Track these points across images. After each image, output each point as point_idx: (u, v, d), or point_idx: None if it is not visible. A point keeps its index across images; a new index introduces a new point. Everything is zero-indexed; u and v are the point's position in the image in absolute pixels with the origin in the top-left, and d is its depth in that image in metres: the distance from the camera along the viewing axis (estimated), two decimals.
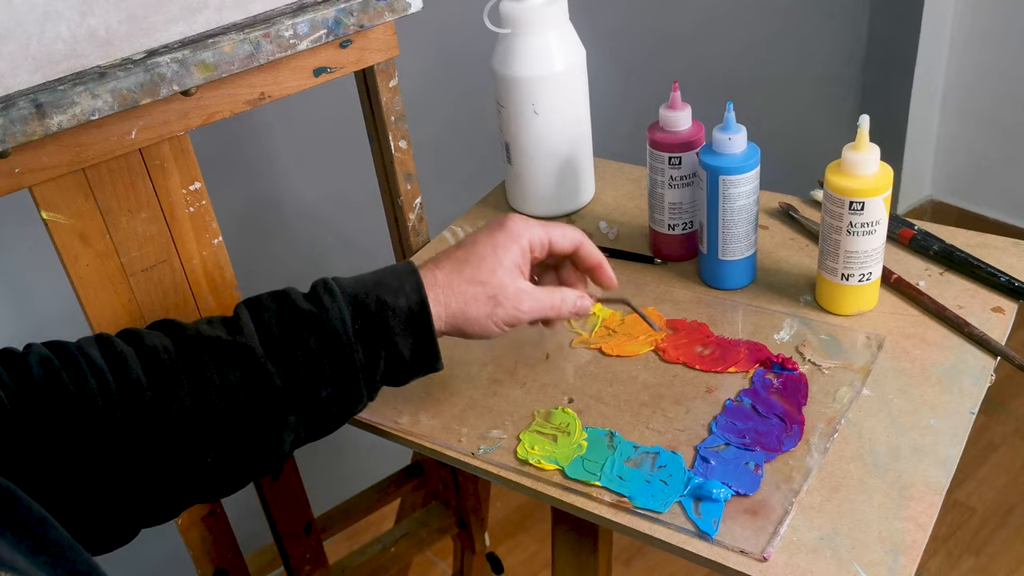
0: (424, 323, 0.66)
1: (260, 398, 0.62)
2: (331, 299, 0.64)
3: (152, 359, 0.61)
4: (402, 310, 0.65)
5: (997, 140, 2.24)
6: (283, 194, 1.40)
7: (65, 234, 0.74)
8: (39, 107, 0.66)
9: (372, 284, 0.66)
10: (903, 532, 0.63)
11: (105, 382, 0.59)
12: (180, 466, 0.61)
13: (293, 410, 0.64)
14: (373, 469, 1.39)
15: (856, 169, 0.76)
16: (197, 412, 0.61)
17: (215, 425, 0.62)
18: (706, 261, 0.87)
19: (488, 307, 0.69)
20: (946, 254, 0.86)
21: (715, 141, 0.81)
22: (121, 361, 0.60)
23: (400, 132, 0.92)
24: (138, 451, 0.59)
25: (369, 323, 0.65)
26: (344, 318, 0.64)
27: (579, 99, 0.97)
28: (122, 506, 0.60)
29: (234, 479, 0.65)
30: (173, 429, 0.60)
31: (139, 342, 0.62)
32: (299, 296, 0.65)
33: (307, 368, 0.63)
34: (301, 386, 0.63)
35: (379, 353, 0.65)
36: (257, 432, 0.63)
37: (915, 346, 0.78)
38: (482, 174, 1.23)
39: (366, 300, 0.65)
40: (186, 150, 0.79)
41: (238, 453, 0.63)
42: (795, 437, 0.71)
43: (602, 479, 0.69)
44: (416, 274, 0.67)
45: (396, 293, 0.65)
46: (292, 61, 0.80)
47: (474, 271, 0.69)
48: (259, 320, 0.64)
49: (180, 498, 0.64)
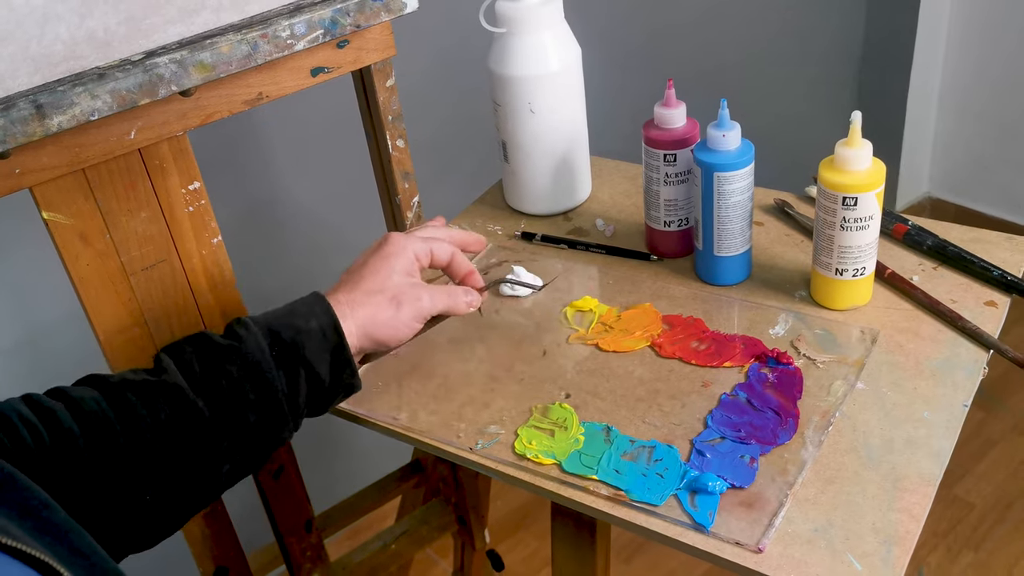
0: (338, 341, 0.70)
1: (191, 430, 0.65)
2: (246, 331, 0.68)
3: (80, 408, 0.63)
4: (316, 332, 0.70)
5: (994, 137, 2.24)
6: (281, 193, 1.40)
7: (66, 234, 0.75)
8: (39, 108, 0.67)
9: (284, 314, 0.71)
10: (896, 523, 0.64)
11: (37, 433, 0.61)
12: (119, 509, 0.63)
13: (224, 438, 0.66)
14: (373, 467, 1.40)
15: (849, 165, 0.76)
16: (131, 452, 0.63)
17: (150, 463, 0.63)
18: (702, 257, 0.88)
19: (392, 309, 0.74)
20: (940, 249, 0.87)
21: (710, 138, 0.82)
22: (50, 414, 0.62)
23: (397, 131, 0.93)
24: (75, 499, 0.60)
25: (285, 348, 0.68)
26: (261, 346, 0.68)
27: (575, 98, 0.98)
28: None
29: (174, 516, 0.67)
30: (109, 472, 0.62)
31: (65, 396, 0.64)
32: (215, 335, 0.69)
33: (232, 396, 0.66)
34: (229, 415, 0.66)
35: (298, 374, 0.69)
36: (192, 465, 0.65)
37: (909, 340, 0.79)
38: (479, 173, 1.24)
39: (279, 328, 0.69)
40: (185, 150, 0.79)
41: (176, 489, 0.65)
42: (790, 430, 0.71)
43: (599, 473, 0.70)
44: (324, 299, 0.72)
45: (307, 318, 0.70)
46: (289, 61, 0.81)
47: (371, 283, 0.74)
48: (180, 360, 0.67)
49: (121, 543, 0.64)
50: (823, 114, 2.23)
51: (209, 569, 0.95)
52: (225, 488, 0.69)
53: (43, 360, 1.22)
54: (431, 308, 0.76)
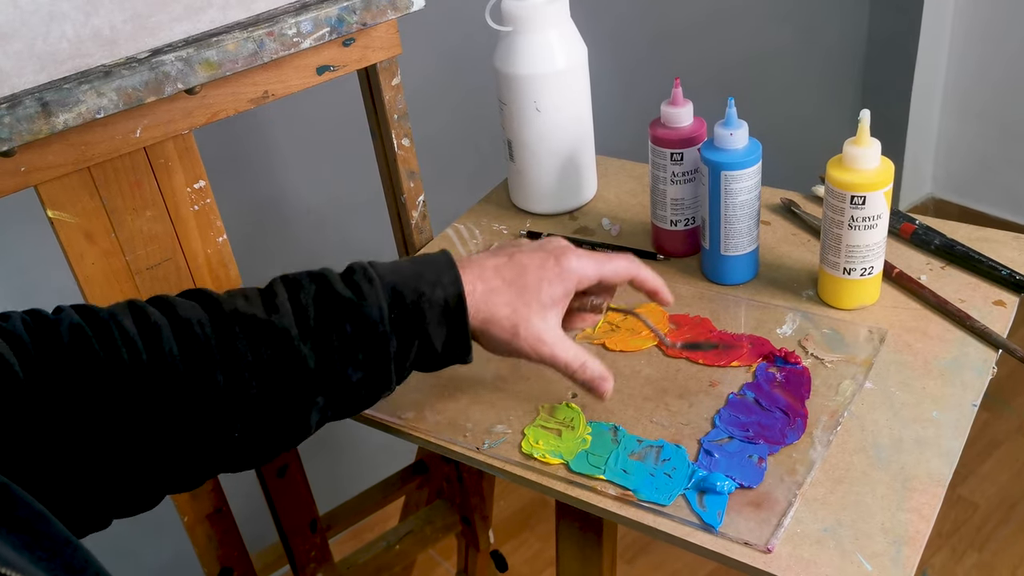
0: (459, 317, 0.66)
1: (292, 379, 0.62)
2: (369, 286, 0.64)
3: (186, 332, 0.61)
4: (438, 303, 0.66)
5: (997, 138, 2.24)
6: (287, 192, 1.40)
7: (71, 232, 0.75)
8: (45, 106, 0.67)
9: (411, 274, 0.66)
10: (906, 523, 0.63)
11: (136, 352, 0.59)
12: (206, 439, 0.61)
13: (323, 392, 0.64)
14: (378, 467, 1.40)
15: (857, 163, 0.76)
16: (228, 390, 0.61)
17: (244, 403, 0.61)
18: (708, 257, 0.88)
19: (507, 335, 0.69)
20: (947, 248, 0.87)
21: (717, 137, 0.82)
22: (155, 332, 0.60)
23: (403, 130, 0.92)
24: (164, 422, 0.59)
25: (405, 313, 0.65)
26: (382, 307, 0.64)
27: (581, 96, 0.97)
28: (143, 471, 0.60)
29: (259, 453, 0.65)
30: (202, 405, 0.60)
31: (173, 313, 0.61)
32: (337, 280, 0.65)
33: (341, 353, 0.63)
34: (333, 370, 0.64)
35: (412, 343, 0.66)
36: (285, 411, 0.63)
37: (917, 339, 0.79)
38: (484, 172, 1.24)
39: (403, 290, 0.65)
40: (190, 148, 0.79)
41: (265, 429, 0.63)
42: (798, 430, 0.71)
43: (606, 473, 0.70)
44: (455, 267, 0.67)
45: (434, 286, 0.66)
46: (295, 59, 0.81)
47: (512, 297, 0.69)
48: (296, 301, 0.64)
49: (203, 468, 0.63)
50: (828, 115, 2.23)
51: (214, 569, 0.94)
52: (313, 432, 0.66)
53: None
54: (537, 361, 0.70)
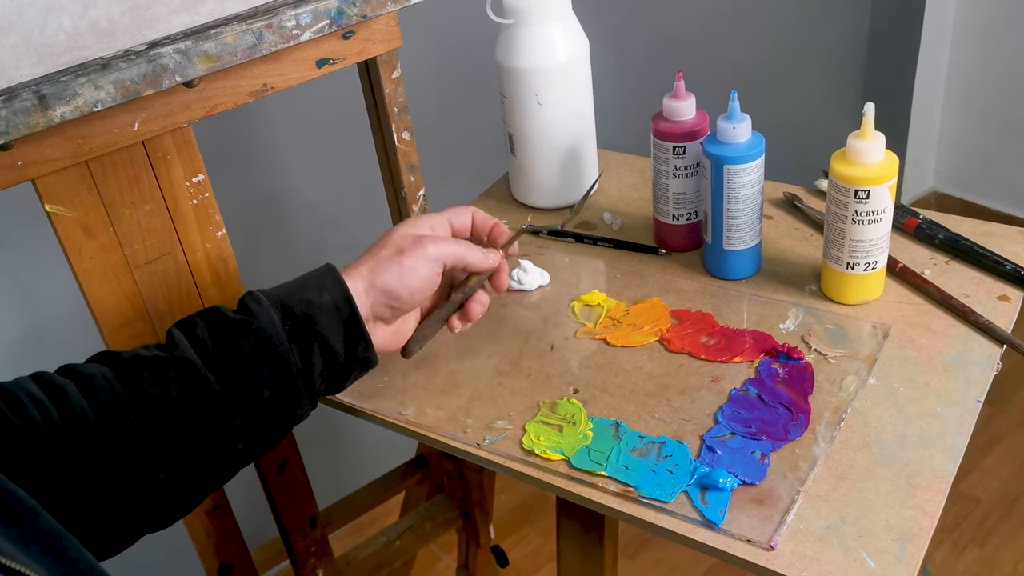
0: (351, 314, 0.68)
1: (203, 407, 0.64)
2: (258, 306, 0.67)
3: (91, 385, 0.62)
4: (328, 305, 0.68)
5: (999, 133, 2.23)
6: (287, 186, 1.39)
7: (69, 227, 0.74)
8: (42, 99, 0.66)
9: (295, 287, 0.69)
10: (910, 520, 0.63)
11: (47, 412, 0.59)
12: (132, 488, 0.62)
13: (237, 415, 0.65)
14: (378, 462, 1.39)
15: (861, 157, 0.76)
16: (143, 430, 0.62)
17: (163, 441, 0.62)
18: (711, 251, 0.87)
19: (396, 259, 0.71)
20: (951, 243, 0.86)
21: (719, 130, 0.81)
22: (60, 392, 0.61)
23: (403, 124, 0.92)
24: (89, 478, 0.59)
25: (298, 323, 0.67)
26: (274, 320, 0.66)
27: (582, 90, 0.97)
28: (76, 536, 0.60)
29: (188, 495, 0.66)
30: (122, 450, 0.61)
31: (75, 373, 0.63)
32: (227, 309, 0.68)
33: (245, 371, 0.65)
34: (241, 390, 0.65)
35: (311, 349, 0.67)
36: (206, 442, 0.64)
37: (921, 335, 0.78)
38: (485, 166, 1.23)
39: (291, 302, 0.68)
40: (189, 142, 0.78)
41: (190, 466, 0.64)
42: (801, 426, 0.71)
43: (608, 469, 0.69)
44: (334, 270, 0.70)
45: (319, 291, 0.68)
46: (295, 52, 0.80)
47: (379, 247, 0.73)
48: (192, 335, 0.66)
49: (135, 523, 0.64)
50: (831, 109, 2.22)
51: (213, 565, 0.94)
52: (241, 466, 0.68)
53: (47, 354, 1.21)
54: (436, 253, 0.72)
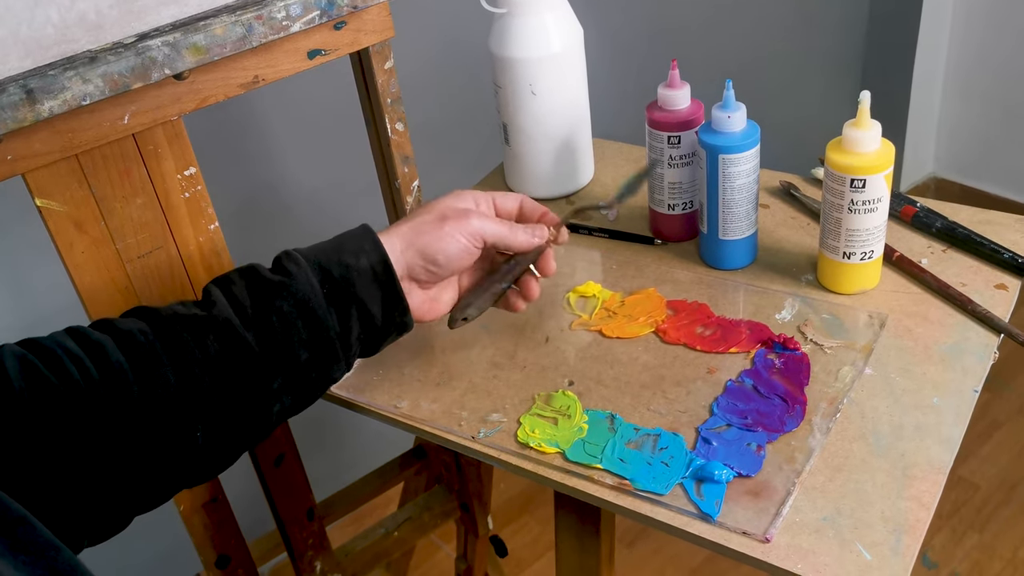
0: (389, 278, 0.68)
1: (242, 367, 0.63)
2: (297, 267, 0.66)
3: (129, 341, 0.61)
4: (366, 270, 0.68)
5: (999, 117, 2.22)
6: (280, 179, 1.39)
7: (60, 221, 0.74)
8: (29, 93, 0.66)
9: (333, 249, 0.68)
10: (906, 511, 0.63)
11: (85, 368, 0.59)
12: (169, 447, 0.61)
13: (275, 375, 0.65)
14: (376, 453, 1.39)
15: (857, 146, 0.75)
16: (182, 388, 0.61)
17: (201, 400, 0.62)
18: (706, 241, 0.87)
19: (437, 224, 0.71)
20: (949, 231, 0.85)
21: (714, 120, 0.80)
22: (98, 348, 0.60)
23: (397, 114, 0.91)
24: (126, 435, 0.59)
25: (336, 286, 0.67)
26: (312, 283, 0.66)
27: (577, 79, 0.96)
28: (112, 494, 0.60)
29: (223, 455, 0.65)
30: (160, 408, 0.60)
31: (113, 328, 0.62)
32: (264, 269, 0.67)
33: (283, 333, 0.64)
34: (280, 351, 0.64)
35: (350, 314, 0.67)
36: (243, 402, 0.64)
37: (918, 324, 0.78)
38: (480, 156, 1.22)
39: (329, 264, 0.67)
40: (180, 135, 0.78)
41: (226, 427, 0.64)
42: (797, 417, 0.70)
43: (603, 462, 0.69)
44: (372, 233, 0.70)
45: (357, 254, 0.68)
46: (286, 43, 0.79)
47: (423, 211, 0.73)
48: (230, 294, 0.65)
49: (171, 481, 0.63)
50: (828, 95, 2.21)
51: (211, 558, 0.94)
52: (274, 427, 0.68)
53: None
54: (480, 226, 0.71)
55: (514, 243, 0.74)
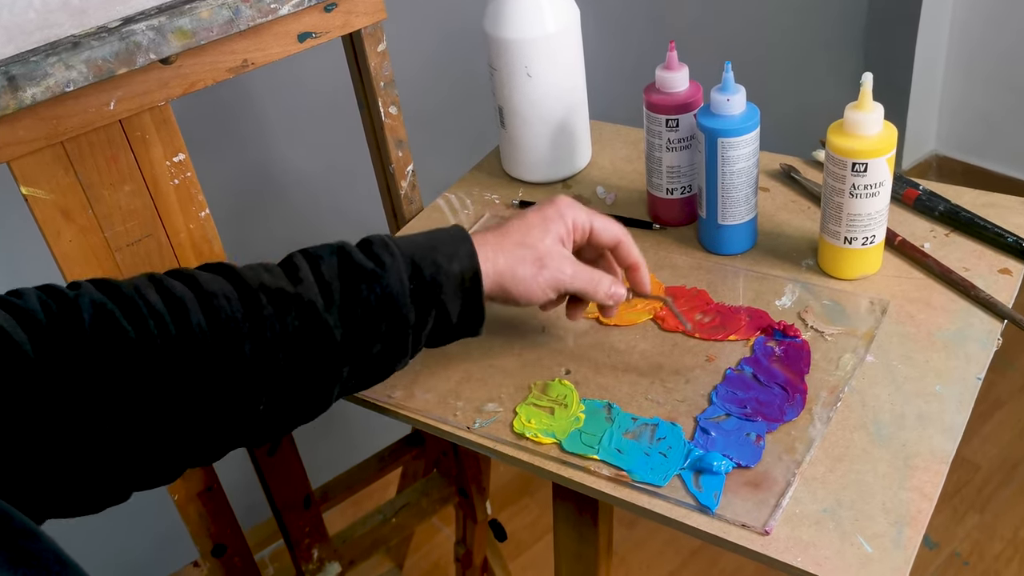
0: (475, 289, 0.68)
1: (318, 351, 0.63)
2: (391, 259, 0.65)
3: (213, 305, 0.60)
4: (455, 275, 0.67)
5: (1003, 93, 2.20)
6: (273, 164, 1.37)
7: (46, 209, 0.72)
8: (11, 80, 0.64)
9: (427, 246, 0.67)
10: (908, 503, 0.62)
11: (164, 325, 0.58)
12: (231, 412, 0.61)
13: (347, 362, 0.64)
14: (375, 437, 1.38)
15: (859, 129, 0.73)
16: (255, 362, 0.60)
17: (271, 374, 0.61)
18: (705, 226, 0.85)
19: (534, 268, 0.70)
20: (952, 214, 0.84)
21: (713, 102, 0.79)
22: (181, 306, 0.59)
23: (390, 98, 0.89)
24: (191, 396, 0.59)
25: (424, 285, 0.66)
26: (402, 278, 0.65)
27: (573, 60, 0.94)
28: (165, 448, 0.60)
29: (280, 426, 0.65)
30: (230, 377, 0.60)
31: (197, 286, 0.61)
32: (358, 252, 0.66)
33: (365, 324, 0.64)
34: (357, 341, 0.64)
35: (429, 314, 0.67)
36: (311, 382, 0.63)
37: (920, 310, 0.76)
38: (475, 139, 1.21)
39: (422, 263, 0.66)
40: (168, 120, 0.76)
41: (289, 401, 0.63)
42: (797, 406, 0.69)
43: (600, 452, 0.68)
44: (469, 240, 0.68)
45: (451, 258, 0.67)
46: (275, 26, 0.78)
47: (523, 236, 0.70)
48: (319, 273, 0.64)
49: (225, 442, 0.63)
50: (829, 73, 2.19)
51: (207, 547, 0.93)
52: (330, 406, 0.67)
53: None
54: (571, 282, 0.71)
55: (593, 299, 0.73)
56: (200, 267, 0.65)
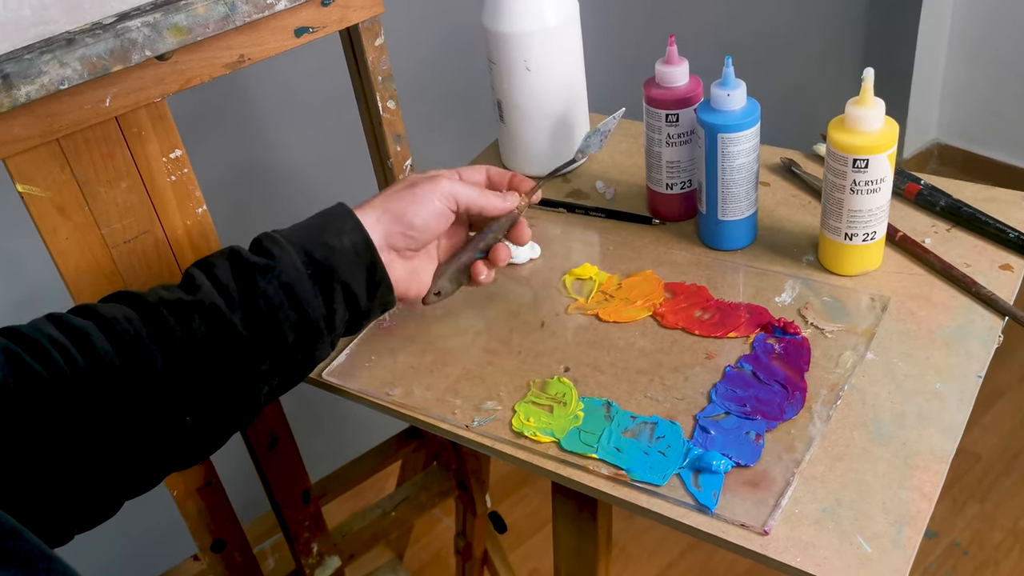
0: (371, 258, 0.68)
1: (229, 350, 0.63)
2: (280, 250, 0.65)
3: (114, 328, 0.60)
4: (348, 250, 0.67)
5: (1006, 81, 2.18)
6: (270, 160, 1.36)
7: (42, 207, 0.72)
8: (5, 78, 0.63)
9: (315, 230, 0.68)
10: (908, 502, 0.62)
11: (71, 357, 0.58)
12: (158, 432, 0.60)
13: (263, 358, 0.64)
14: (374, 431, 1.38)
15: (860, 125, 0.73)
16: (169, 374, 0.60)
17: (189, 384, 0.61)
18: (705, 221, 0.85)
19: (408, 189, 0.71)
20: (953, 210, 0.83)
21: (713, 97, 0.78)
22: (83, 335, 0.59)
23: (388, 92, 0.89)
24: (115, 422, 0.58)
25: (320, 268, 0.66)
26: (296, 265, 0.65)
27: (573, 54, 0.93)
28: (102, 480, 0.59)
29: (212, 439, 0.65)
30: (148, 394, 0.60)
31: (96, 315, 0.61)
32: (246, 252, 0.66)
33: (270, 316, 0.64)
34: (267, 334, 0.64)
35: (334, 296, 0.67)
36: (231, 385, 0.63)
37: (921, 307, 0.76)
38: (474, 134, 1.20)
39: (311, 247, 0.66)
40: (164, 117, 0.76)
41: (215, 410, 0.63)
42: (797, 404, 0.69)
43: (599, 451, 0.68)
44: (352, 213, 0.69)
45: (339, 235, 0.67)
46: (271, 21, 0.77)
47: (391, 186, 0.73)
48: (213, 277, 0.64)
49: (160, 465, 0.63)
50: (830, 63, 2.18)
51: (206, 542, 0.93)
52: (261, 409, 0.67)
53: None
54: (450, 188, 0.71)
55: (486, 205, 0.73)
56: (100, 300, 0.65)
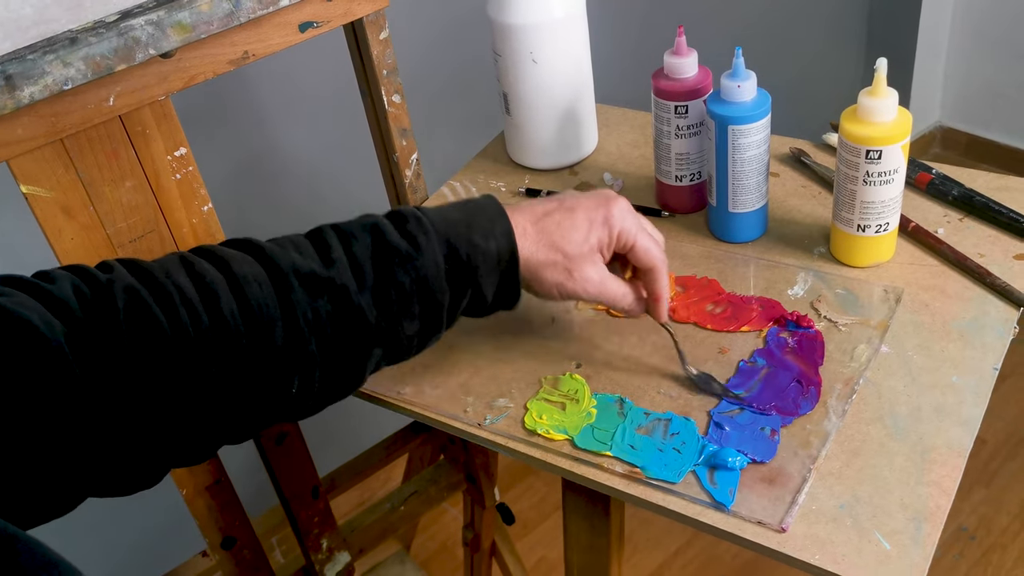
0: (511, 269, 0.66)
1: (351, 335, 0.62)
2: (425, 239, 0.64)
3: (244, 292, 0.59)
4: (492, 255, 0.65)
5: (1008, 63, 2.17)
6: (276, 156, 1.35)
7: (47, 208, 0.71)
8: (8, 79, 0.63)
9: (462, 224, 0.66)
10: (926, 498, 0.61)
11: (197, 316, 0.57)
12: (264, 395, 0.60)
13: (380, 344, 0.64)
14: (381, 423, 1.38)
15: (873, 116, 0.72)
16: (287, 347, 0.60)
17: (303, 360, 0.61)
18: (715, 213, 0.84)
19: (561, 276, 0.69)
20: (966, 199, 0.83)
21: (723, 89, 0.77)
22: (212, 294, 0.58)
23: (393, 86, 0.88)
24: (223, 381, 0.58)
25: (459, 266, 0.65)
26: (438, 261, 0.64)
27: (579, 46, 0.92)
28: (198, 430, 0.59)
29: (314, 405, 0.65)
30: (262, 362, 0.59)
31: (228, 270, 0.60)
32: (391, 230, 0.64)
33: (398, 307, 0.63)
34: (391, 323, 0.63)
35: (464, 294, 0.66)
36: (343, 365, 0.63)
37: (935, 298, 0.75)
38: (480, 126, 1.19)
39: (457, 243, 0.64)
40: (169, 115, 0.75)
41: (322, 383, 0.63)
42: (812, 400, 0.68)
43: (613, 448, 0.67)
44: (506, 217, 0.67)
45: (487, 237, 0.65)
46: (275, 17, 0.76)
47: (561, 239, 0.68)
48: (351, 254, 0.63)
49: (257, 422, 0.63)
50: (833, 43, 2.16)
51: (216, 540, 0.93)
52: (364, 384, 0.67)
53: None
54: (588, 299, 0.70)
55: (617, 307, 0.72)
56: (226, 243, 0.63)
